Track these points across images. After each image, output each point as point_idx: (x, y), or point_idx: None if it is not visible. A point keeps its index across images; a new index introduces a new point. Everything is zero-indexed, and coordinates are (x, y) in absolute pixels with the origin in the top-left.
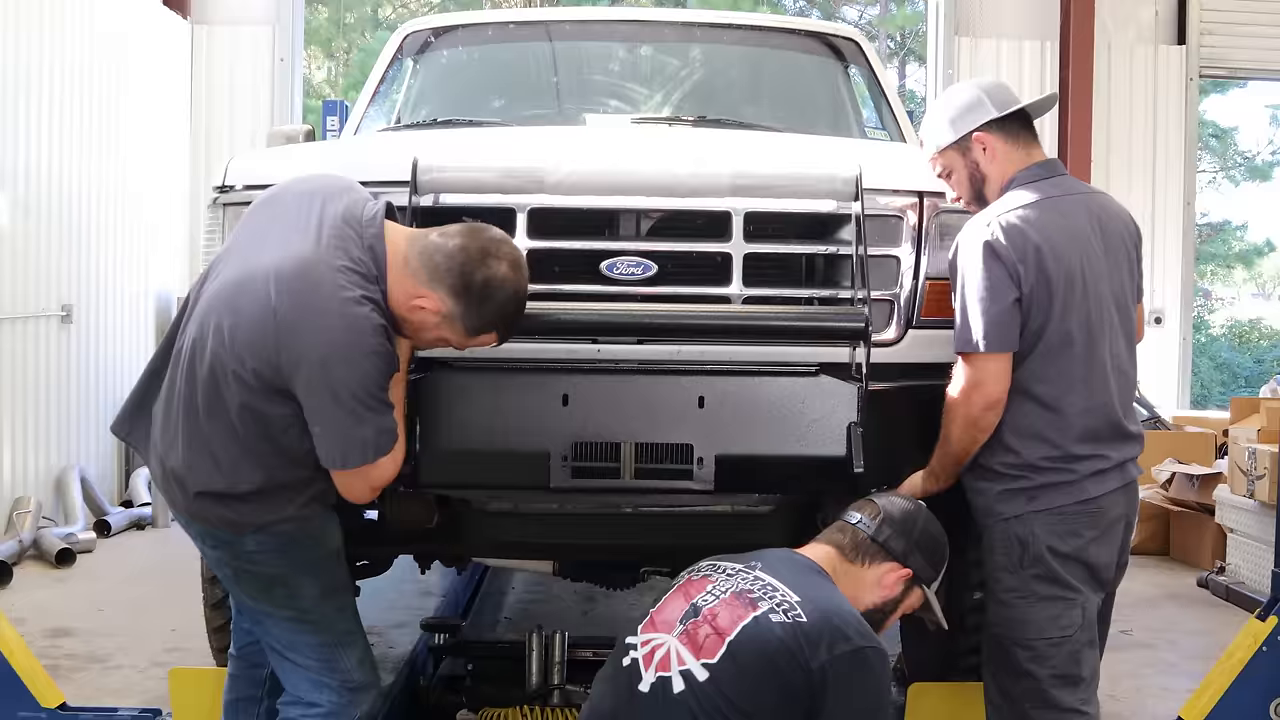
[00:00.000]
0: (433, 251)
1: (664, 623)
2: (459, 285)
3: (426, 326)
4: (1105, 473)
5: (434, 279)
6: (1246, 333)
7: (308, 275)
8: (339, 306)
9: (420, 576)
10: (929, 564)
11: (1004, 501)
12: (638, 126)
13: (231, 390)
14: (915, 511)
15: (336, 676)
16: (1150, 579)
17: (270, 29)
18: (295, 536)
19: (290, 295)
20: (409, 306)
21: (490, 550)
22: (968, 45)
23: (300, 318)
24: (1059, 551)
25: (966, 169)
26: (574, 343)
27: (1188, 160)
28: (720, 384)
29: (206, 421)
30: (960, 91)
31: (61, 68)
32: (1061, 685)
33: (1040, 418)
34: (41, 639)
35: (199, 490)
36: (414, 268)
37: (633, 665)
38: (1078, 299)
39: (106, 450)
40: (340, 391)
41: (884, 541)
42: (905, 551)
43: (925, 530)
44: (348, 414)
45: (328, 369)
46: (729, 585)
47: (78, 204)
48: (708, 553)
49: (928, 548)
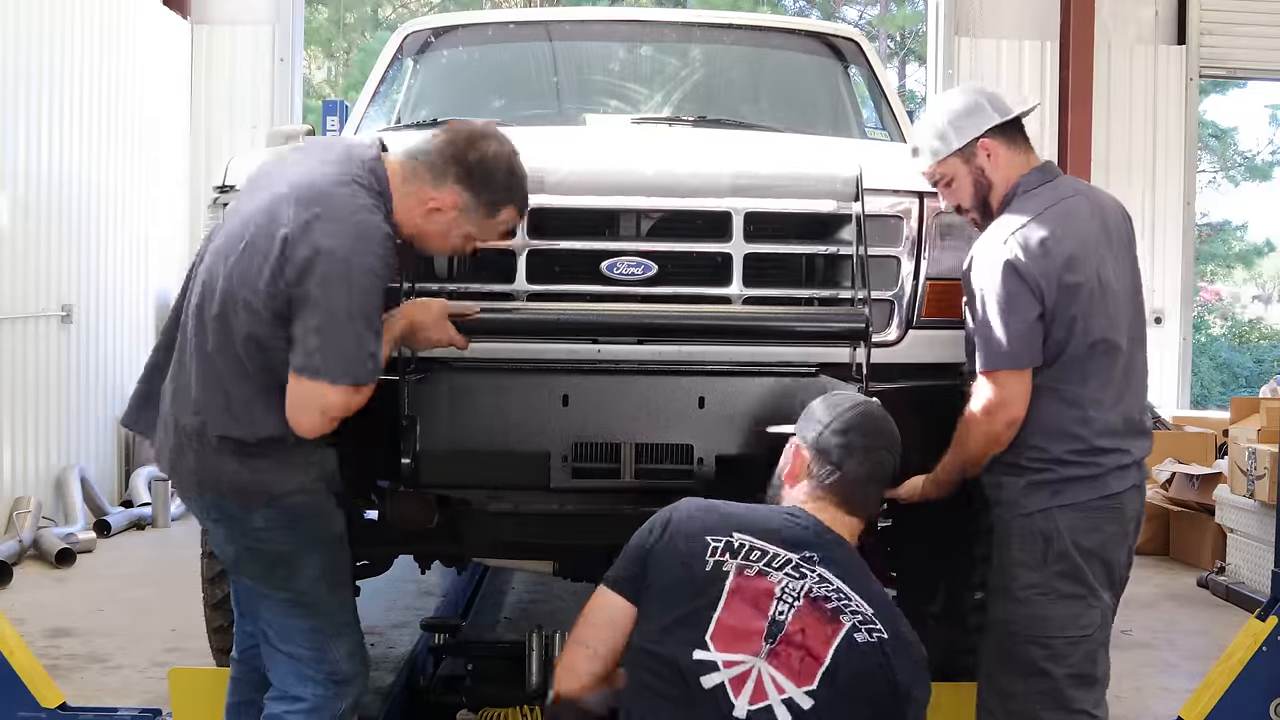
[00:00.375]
0: (425, 155)
1: (741, 639)
2: (462, 173)
3: (448, 227)
4: (1126, 468)
5: (438, 177)
6: (1246, 333)
7: (319, 189)
8: (351, 214)
9: (420, 576)
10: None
11: (1028, 495)
12: (638, 126)
13: (240, 320)
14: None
15: (324, 668)
16: (1150, 579)
17: (270, 29)
18: (303, 512)
19: (304, 207)
20: (424, 213)
21: (490, 550)
22: (968, 45)
23: (313, 222)
24: (1083, 547)
25: (971, 176)
26: (574, 343)
27: (1187, 160)
28: (720, 384)
29: (218, 358)
30: (956, 98)
31: (61, 68)
32: (1078, 685)
33: (1065, 414)
34: (41, 639)
35: (220, 434)
36: (417, 175)
37: (719, 691)
38: (1098, 304)
39: (106, 450)
40: (342, 296)
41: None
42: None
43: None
44: (344, 322)
45: (334, 268)
46: (798, 588)
47: (78, 204)
48: None
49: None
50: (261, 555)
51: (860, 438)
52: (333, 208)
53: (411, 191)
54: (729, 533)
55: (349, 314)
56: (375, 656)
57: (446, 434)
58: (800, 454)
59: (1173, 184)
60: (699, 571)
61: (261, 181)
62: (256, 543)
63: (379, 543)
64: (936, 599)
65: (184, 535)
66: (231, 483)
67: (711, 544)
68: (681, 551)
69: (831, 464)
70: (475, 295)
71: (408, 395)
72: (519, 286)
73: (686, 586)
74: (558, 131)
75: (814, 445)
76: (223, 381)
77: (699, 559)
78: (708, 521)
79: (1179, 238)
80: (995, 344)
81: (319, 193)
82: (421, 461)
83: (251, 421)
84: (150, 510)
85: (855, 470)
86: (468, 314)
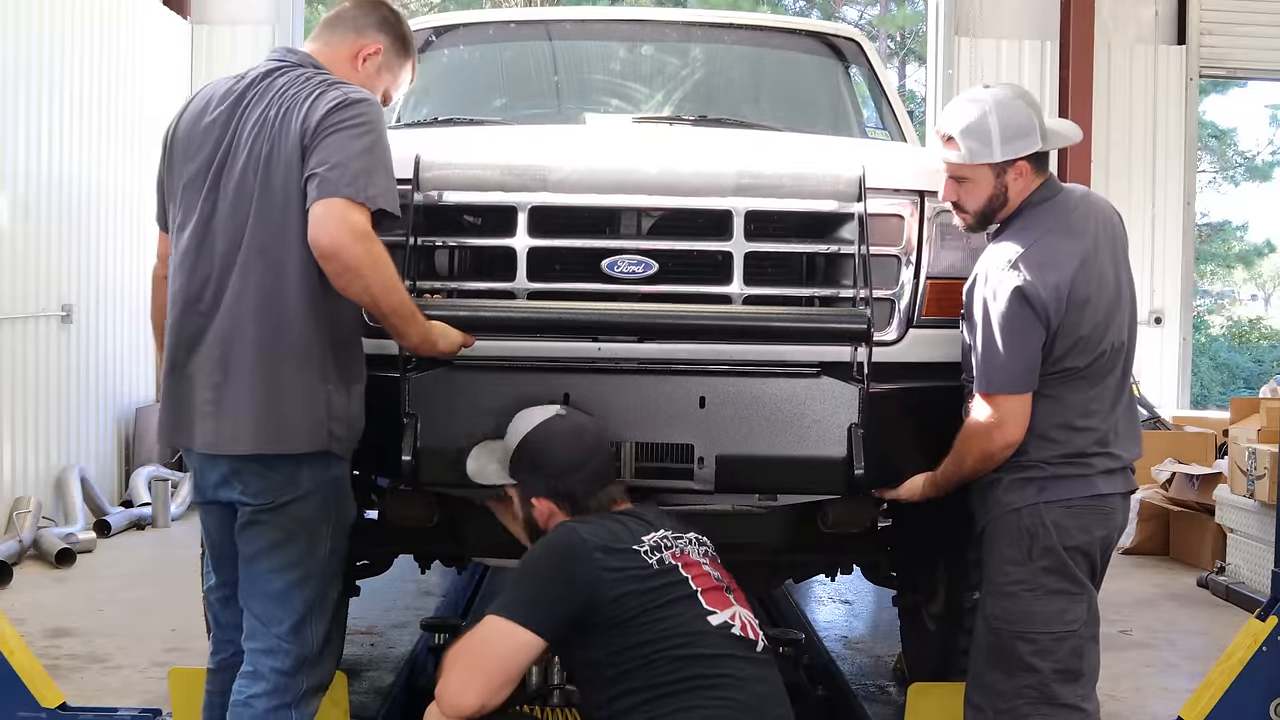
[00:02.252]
0: (338, 22)
1: (724, 598)
2: (380, 21)
3: (378, 74)
4: (1114, 473)
5: (360, 31)
6: (1246, 333)
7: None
8: (329, 89)
9: (420, 576)
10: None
11: (1013, 491)
12: (639, 126)
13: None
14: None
15: (297, 646)
16: (1150, 579)
17: (270, 29)
18: (339, 485)
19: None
20: (361, 61)
21: (490, 550)
22: (968, 45)
23: (305, 103)
24: (1068, 544)
25: (993, 189)
26: (575, 342)
27: (1188, 160)
28: (721, 384)
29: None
30: (1017, 110)
31: (61, 68)
32: (1064, 680)
33: (1054, 424)
34: (41, 639)
35: (293, 368)
36: (339, 37)
37: (744, 638)
38: (1099, 321)
39: (106, 450)
40: (359, 131)
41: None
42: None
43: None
44: (363, 151)
45: (343, 113)
46: (700, 548)
47: (78, 204)
48: None
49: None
50: (289, 520)
51: (583, 468)
52: (311, 88)
53: (341, 50)
54: (636, 540)
55: (363, 145)
56: (375, 656)
57: (447, 432)
58: (545, 504)
59: (1173, 184)
60: (651, 573)
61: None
62: (293, 501)
63: (379, 543)
64: (936, 599)
65: (184, 535)
66: (298, 430)
67: (636, 550)
68: (620, 568)
69: (580, 496)
70: (476, 293)
71: (408, 392)
72: (519, 284)
73: (651, 585)
74: (559, 130)
75: (553, 493)
76: (276, 297)
77: (642, 565)
78: (616, 534)
79: (1179, 238)
80: (997, 368)
81: (296, 85)
82: (422, 459)
83: (305, 342)
84: (150, 510)
85: (597, 488)
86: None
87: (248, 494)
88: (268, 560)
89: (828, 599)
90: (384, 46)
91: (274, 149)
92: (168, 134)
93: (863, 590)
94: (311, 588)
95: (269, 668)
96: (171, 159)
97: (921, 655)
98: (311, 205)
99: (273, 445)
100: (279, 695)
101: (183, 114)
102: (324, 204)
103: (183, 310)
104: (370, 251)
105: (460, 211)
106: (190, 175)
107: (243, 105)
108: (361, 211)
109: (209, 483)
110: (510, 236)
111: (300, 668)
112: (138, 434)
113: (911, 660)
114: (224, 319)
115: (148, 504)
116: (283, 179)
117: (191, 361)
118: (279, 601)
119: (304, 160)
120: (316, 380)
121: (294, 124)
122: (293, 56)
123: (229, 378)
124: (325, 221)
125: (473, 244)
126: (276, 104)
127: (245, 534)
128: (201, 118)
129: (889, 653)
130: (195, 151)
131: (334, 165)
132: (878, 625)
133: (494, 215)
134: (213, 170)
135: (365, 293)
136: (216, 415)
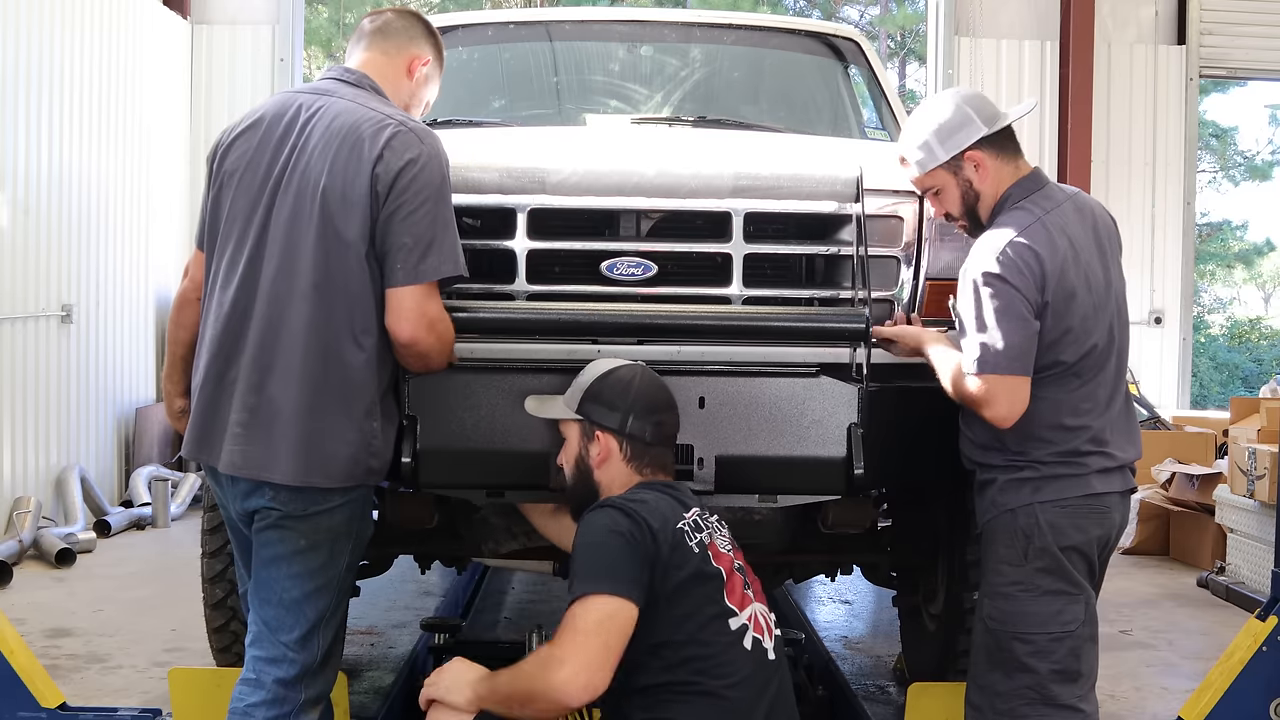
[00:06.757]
0: (389, 32)
1: (744, 595)
2: (426, 32)
3: (426, 82)
4: (1110, 472)
5: (414, 40)
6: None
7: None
8: (399, 129)
9: (420, 576)
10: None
11: (1008, 492)
12: (638, 127)
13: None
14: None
15: (303, 656)
16: (1150, 579)
17: (270, 29)
18: (367, 501)
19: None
20: (413, 71)
21: (490, 551)
22: (968, 45)
23: (372, 140)
24: (1064, 544)
25: (959, 188)
26: (574, 343)
27: (1187, 160)
28: (721, 384)
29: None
30: (942, 108)
31: (61, 68)
32: (1061, 681)
33: (1047, 423)
34: (41, 639)
35: (343, 407)
36: (395, 46)
37: (756, 646)
38: (1088, 315)
39: (107, 450)
40: (430, 192)
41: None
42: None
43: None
44: (433, 219)
45: (415, 170)
46: (724, 534)
47: (78, 204)
48: None
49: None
50: (316, 531)
51: (660, 414)
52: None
53: (394, 63)
54: (679, 518)
55: (443, 210)
56: (375, 656)
57: (446, 434)
58: (608, 440)
59: (1173, 184)
60: (692, 555)
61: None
62: (322, 514)
63: (379, 543)
64: (936, 599)
65: (184, 535)
66: (332, 452)
67: (682, 530)
68: (674, 544)
69: (645, 443)
70: (475, 295)
71: (408, 395)
72: (519, 286)
73: (693, 573)
74: (558, 132)
75: (622, 431)
76: (331, 285)
77: (686, 547)
78: (664, 513)
79: (1179, 238)
80: (979, 346)
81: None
82: (421, 461)
83: (355, 336)
84: (150, 510)
85: (661, 442)
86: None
87: (277, 502)
88: (287, 566)
89: (828, 599)
90: (432, 57)
91: (336, 181)
92: (214, 152)
93: (863, 590)
94: (325, 599)
95: (271, 677)
96: (220, 178)
97: (921, 655)
98: (389, 290)
99: (310, 479)
100: (278, 706)
101: (232, 133)
102: (402, 294)
103: (224, 328)
104: (442, 339)
105: (459, 214)
106: (240, 196)
107: (299, 126)
108: (435, 295)
109: (233, 494)
110: (509, 238)
111: (302, 678)
112: (138, 434)
113: (911, 660)
114: (268, 345)
115: (148, 504)
116: (344, 216)
117: (228, 378)
118: (292, 609)
119: (373, 208)
120: (364, 420)
121: (362, 165)
122: (350, 76)
123: (267, 403)
124: (405, 314)
125: (472, 246)
126: (338, 132)
127: (266, 535)
128: (251, 137)
129: (889, 653)
130: (246, 172)
131: (409, 248)
132: (878, 625)
133: (493, 217)
134: (266, 193)
135: (425, 368)
136: (246, 438)
